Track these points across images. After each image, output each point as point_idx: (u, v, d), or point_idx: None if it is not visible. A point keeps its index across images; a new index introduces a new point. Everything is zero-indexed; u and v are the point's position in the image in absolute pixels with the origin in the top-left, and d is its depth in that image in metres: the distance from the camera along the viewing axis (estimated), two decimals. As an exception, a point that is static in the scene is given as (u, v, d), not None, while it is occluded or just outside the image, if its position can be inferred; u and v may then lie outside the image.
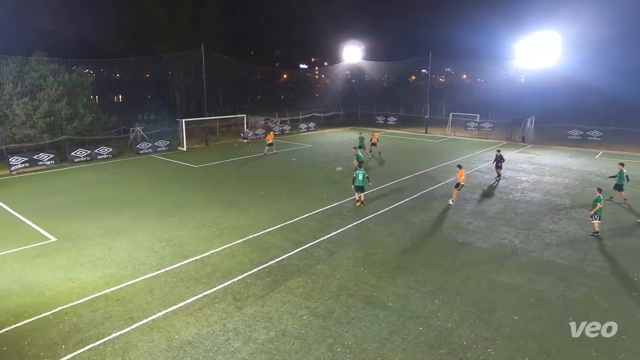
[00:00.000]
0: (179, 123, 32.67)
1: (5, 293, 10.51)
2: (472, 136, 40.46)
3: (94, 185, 21.47)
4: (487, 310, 9.89)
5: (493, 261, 12.61)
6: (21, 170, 24.32)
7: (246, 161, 27.89)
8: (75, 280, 11.21)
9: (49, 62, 28.79)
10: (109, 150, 28.52)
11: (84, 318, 9.43)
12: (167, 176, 23.55)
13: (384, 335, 8.90)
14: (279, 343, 8.61)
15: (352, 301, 10.22)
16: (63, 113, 28.22)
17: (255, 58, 57.12)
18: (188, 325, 9.18)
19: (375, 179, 21.82)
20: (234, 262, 12.27)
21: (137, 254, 12.86)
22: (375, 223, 15.71)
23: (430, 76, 48.22)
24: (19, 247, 13.36)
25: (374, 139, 30.07)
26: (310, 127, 44.69)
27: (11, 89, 26.91)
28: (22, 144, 26.54)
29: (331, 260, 12.51)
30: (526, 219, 16.42)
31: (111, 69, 40.75)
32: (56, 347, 8.42)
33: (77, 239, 14.00)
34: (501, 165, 22.43)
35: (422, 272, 11.80)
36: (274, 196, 19.08)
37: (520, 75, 44.37)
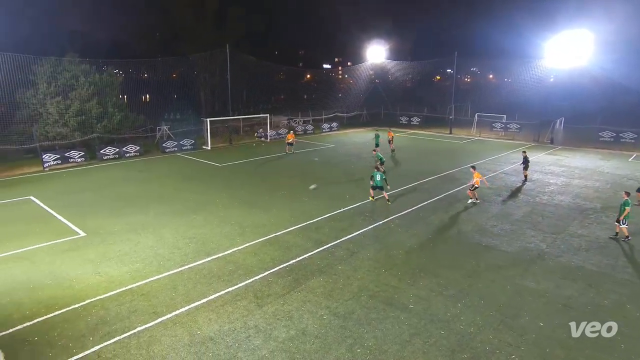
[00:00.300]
0: (204, 122, 33.23)
1: (38, 285, 10.93)
2: (498, 137, 39.61)
3: (121, 182, 22.07)
4: (511, 315, 9.67)
5: (518, 265, 12.32)
6: (53, 167, 25.23)
7: (268, 160, 28.12)
8: (103, 274, 11.55)
9: (81, 62, 29.72)
10: (136, 148, 29.27)
11: (111, 311, 9.71)
12: (191, 174, 23.98)
13: (404, 337, 8.82)
14: (299, 342, 8.65)
15: (373, 302, 10.16)
16: (93, 112, 29.09)
17: (279, 58, 57.57)
18: (210, 322, 9.33)
19: (398, 180, 21.68)
20: (256, 261, 12.39)
21: (162, 250, 13.15)
22: (398, 224, 15.58)
23: (456, 76, 47.43)
24: (51, 241, 13.86)
25: (389, 136, 30.71)
26: (332, 127, 44.69)
27: (45, 88, 27.91)
28: (54, 142, 27.50)
29: (352, 260, 12.48)
30: (554, 222, 15.96)
31: (139, 69, 41.81)
32: (84, 339, 8.70)
33: (105, 235, 14.42)
34: (527, 166, 21.91)
35: (445, 274, 11.63)
36: (295, 195, 19.17)
37: (549, 75, 43.07)
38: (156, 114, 37.28)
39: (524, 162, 21.90)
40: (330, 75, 75.20)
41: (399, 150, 31.30)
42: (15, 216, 16.46)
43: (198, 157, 29.27)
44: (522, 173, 22.26)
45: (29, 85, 27.86)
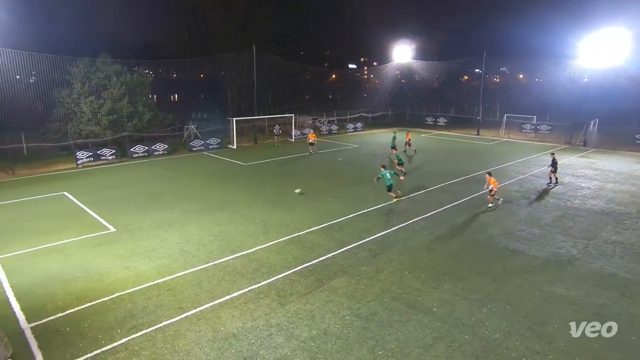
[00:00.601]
0: (230, 122, 33.72)
1: (70, 277, 11.35)
2: (527, 139, 38.53)
3: (149, 179, 22.65)
4: (539, 322, 9.39)
5: (547, 271, 11.95)
6: (86, 164, 26.14)
7: (292, 160, 28.28)
8: (131, 269, 11.88)
9: (113, 63, 30.66)
10: (164, 147, 29.98)
11: (138, 305, 9.98)
12: (217, 173, 24.38)
13: (427, 341, 8.70)
14: (321, 342, 8.66)
15: (396, 304, 10.07)
16: (124, 111, 29.97)
17: (305, 58, 57.81)
18: (233, 318, 9.46)
19: (423, 181, 21.44)
20: (279, 259, 12.49)
21: (187, 246, 13.42)
22: (422, 226, 15.38)
23: (484, 76, 46.46)
24: (83, 235, 14.37)
25: (407, 138, 30.87)
26: (357, 127, 44.55)
27: (80, 88, 28.94)
28: (87, 140, 28.48)
29: (375, 261, 12.40)
30: (586, 227, 15.41)
31: (169, 69, 42.83)
32: (112, 331, 8.97)
33: (133, 230, 14.83)
34: (556, 169, 21.23)
35: (470, 278, 11.41)
36: (319, 195, 19.20)
37: (583, 75, 41.62)
38: (184, 113, 38.14)
39: (553, 164, 21.24)
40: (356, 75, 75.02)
41: (424, 151, 30.96)
42: (50, 211, 17.15)
43: (224, 156, 29.72)
44: (549, 175, 21.59)
45: (65, 85, 28.97)
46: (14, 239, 13.93)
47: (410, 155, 29.09)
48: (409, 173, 23.72)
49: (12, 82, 26.55)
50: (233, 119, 33.39)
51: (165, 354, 8.27)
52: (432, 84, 61.64)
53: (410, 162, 26.91)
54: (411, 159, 28.05)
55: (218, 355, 8.25)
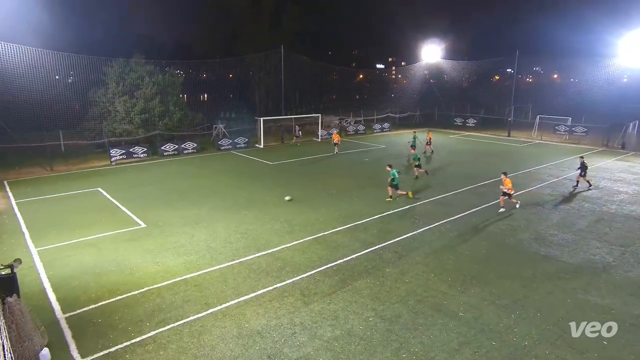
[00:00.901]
0: (258, 121, 34.11)
1: (103, 271, 11.76)
2: (561, 141, 37.25)
3: (179, 177, 23.18)
4: (571, 330, 9.06)
5: (580, 278, 11.52)
6: (119, 161, 27.01)
7: (318, 160, 28.33)
8: (160, 264, 12.20)
9: (146, 63, 31.54)
10: (193, 145, 30.64)
11: (166, 299, 10.23)
12: (244, 172, 24.71)
13: (453, 346, 8.54)
14: (344, 342, 8.64)
15: (421, 307, 9.94)
16: (156, 110, 30.79)
17: (332, 58, 57.80)
18: (258, 316, 9.57)
19: (451, 183, 21.07)
20: (304, 259, 12.54)
21: (214, 243, 13.66)
22: (449, 228, 15.12)
23: (516, 76, 45.20)
24: (115, 230, 14.86)
25: (428, 137, 30.59)
26: (384, 127, 44.21)
27: (114, 87, 29.94)
28: (120, 138, 29.44)
29: (400, 263, 12.28)
30: (623, 234, 14.76)
31: (199, 69, 43.67)
32: (141, 324, 9.24)
33: (163, 226, 15.22)
34: (585, 173, 20.28)
35: (498, 283, 11.13)
36: (345, 195, 19.17)
37: (622, 75, 39.92)
38: (213, 112, 38.82)
39: (581, 168, 20.31)
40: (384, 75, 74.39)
41: (453, 152, 30.43)
42: (85, 206, 17.81)
43: (251, 155, 30.09)
44: (581, 179, 20.70)
45: (100, 84, 30.04)
46: (52, 232, 14.54)
47: (427, 155, 28.76)
48: (435, 174, 23.38)
49: (53, 82, 27.77)
50: (260, 119, 33.76)
51: (192, 348, 8.45)
52: (462, 84, 60.46)
53: (430, 163, 26.50)
54: (430, 160, 27.65)
55: (242, 351, 8.36)
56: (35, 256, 12.70)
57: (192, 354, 8.29)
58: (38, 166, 24.81)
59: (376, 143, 35.87)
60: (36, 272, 11.69)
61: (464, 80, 59.36)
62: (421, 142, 29.49)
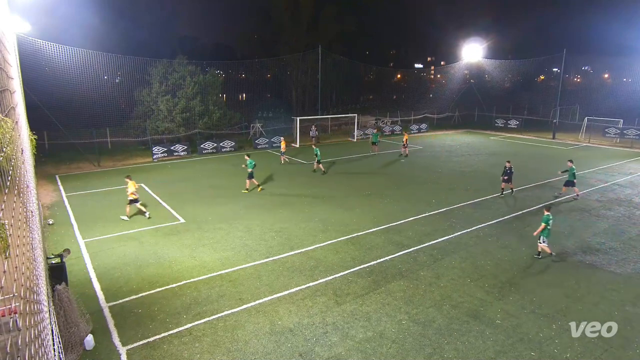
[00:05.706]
0: (294, 121, 34.40)
1: (144, 263, 12.24)
2: (611, 144, 35.26)
3: (217, 175, 23.76)
4: (617, 345, 8.57)
5: (630, 290, 10.87)
6: (161, 159, 28.01)
7: (354, 160, 28.22)
8: (197, 259, 12.55)
9: (188, 64, 32.53)
10: (231, 144, 31.31)
11: (202, 293, 10.52)
12: (279, 170, 24.99)
13: (489, 354, 8.28)
14: (376, 344, 8.57)
15: (456, 313, 9.70)
16: (196, 109, 31.71)
17: (370, 58, 57.41)
18: (290, 314, 9.65)
19: (491, 187, 20.41)
20: (337, 259, 12.53)
21: (249, 241, 13.91)
22: (487, 233, 14.67)
23: (563, 76, 43.16)
24: (156, 225, 15.42)
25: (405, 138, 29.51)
26: (421, 128, 43.46)
27: (158, 87, 31.08)
28: (162, 136, 30.53)
29: (435, 267, 12.04)
30: (679, 245, 13.80)
31: (238, 70, 44.60)
32: (179, 316, 9.54)
33: (200, 222, 15.66)
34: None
35: (539, 291, 10.69)
36: (380, 196, 19.00)
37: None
38: (251, 112, 39.51)
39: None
40: (422, 75, 73.14)
41: (492, 154, 29.46)
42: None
43: (286, 154, 30.33)
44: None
45: (145, 84, 31.27)
46: (98, 225, 15.29)
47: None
48: (477, 177, 22.71)
49: (102, 82, 29.19)
50: (297, 119, 34.02)
51: (226, 342, 8.64)
52: (504, 85, 58.41)
53: (472, 166, 25.72)
54: (467, 162, 26.82)
55: (274, 348, 8.46)
56: (82, 247, 13.40)
57: (225, 347, 8.48)
58: (87, 162, 26.16)
59: (413, 144, 35.26)
60: (83, 262, 12.33)
61: (506, 80, 57.30)
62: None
